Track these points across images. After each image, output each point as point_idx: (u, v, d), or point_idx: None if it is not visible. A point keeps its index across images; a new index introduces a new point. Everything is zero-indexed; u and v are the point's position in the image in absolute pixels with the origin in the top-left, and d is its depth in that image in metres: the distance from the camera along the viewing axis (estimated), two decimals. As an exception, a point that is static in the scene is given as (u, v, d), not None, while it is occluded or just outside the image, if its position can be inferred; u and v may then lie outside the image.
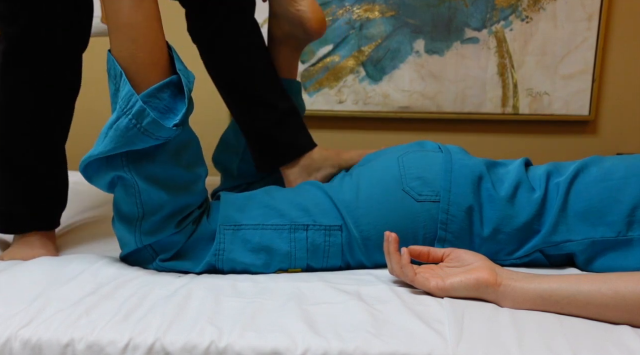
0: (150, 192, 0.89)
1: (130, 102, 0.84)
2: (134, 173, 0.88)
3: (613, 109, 1.94)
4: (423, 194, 0.94)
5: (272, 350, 0.70)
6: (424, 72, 1.92)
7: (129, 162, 0.87)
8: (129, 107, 0.84)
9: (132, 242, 0.92)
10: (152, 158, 0.88)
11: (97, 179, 0.91)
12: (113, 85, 0.88)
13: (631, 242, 0.87)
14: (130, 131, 0.84)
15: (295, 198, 0.98)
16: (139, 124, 0.83)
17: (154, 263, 0.93)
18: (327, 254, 0.94)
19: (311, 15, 1.19)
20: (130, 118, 0.83)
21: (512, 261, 0.94)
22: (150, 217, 0.90)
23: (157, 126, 0.84)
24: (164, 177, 0.89)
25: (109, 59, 0.87)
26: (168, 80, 0.87)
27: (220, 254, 0.92)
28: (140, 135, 0.84)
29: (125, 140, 0.84)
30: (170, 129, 0.85)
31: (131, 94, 0.84)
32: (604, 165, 0.93)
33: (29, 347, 0.71)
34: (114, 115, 0.85)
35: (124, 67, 0.85)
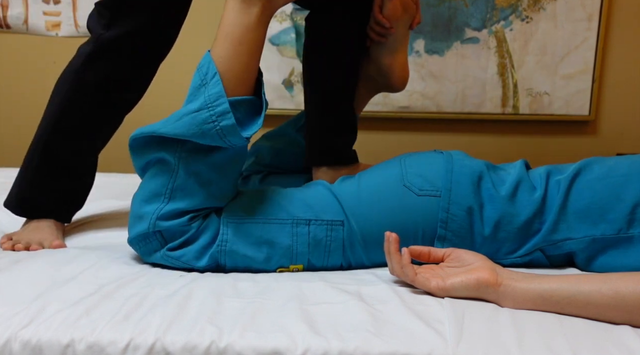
0: (186, 183, 0.92)
1: (218, 101, 0.89)
2: (181, 161, 0.92)
3: (613, 109, 1.94)
4: (424, 188, 0.95)
5: (272, 350, 0.70)
6: (424, 72, 1.92)
7: (184, 150, 0.92)
8: (215, 105, 0.89)
9: (145, 224, 0.92)
10: (205, 156, 0.92)
11: (140, 153, 0.95)
12: (199, 80, 0.92)
13: (632, 239, 0.88)
14: (206, 125, 0.89)
15: (298, 194, 0.99)
16: (217, 122, 0.88)
17: (161, 252, 0.93)
18: (328, 249, 0.95)
19: (399, 74, 1.26)
20: (211, 113, 0.89)
21: (513, 260, 0.95)
22: (173, 205, 0.92)
23: (233, 131, 0.89)
24: (206, 177, 0.93)
25: (206, 57, 0.93)
26: (251, 98, 0.94)
27: (222, 246, 0.93)
28: (214, 132, 0.89)
29: (198, 131, 0.89)
30: (242, 137, 0.91)
31: (221, 94, 0.89)
32: (606, 164, 0.94)
33: (29, 348, 0.71)
34: (194, 105, 0.90)
35: (220, 72, 0.91)
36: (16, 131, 2.06)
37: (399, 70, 1.26)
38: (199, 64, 0.94)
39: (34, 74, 2.03)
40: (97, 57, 1.05)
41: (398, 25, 1.21)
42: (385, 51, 1.23)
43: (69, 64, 1.09)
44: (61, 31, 1.99)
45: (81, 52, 1.07)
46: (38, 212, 1.10)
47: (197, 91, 0.92)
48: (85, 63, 1.05)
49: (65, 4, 1.97)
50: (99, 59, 1.05)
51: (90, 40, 1.06)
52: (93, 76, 1.05)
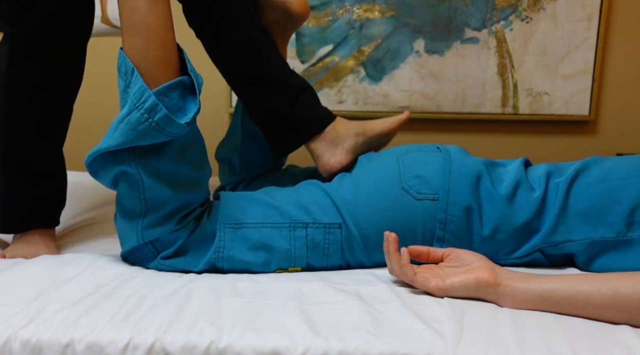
0: (155, 188, 0.90)
1: (143, 97, 0.86)
2: (139, 168, 0.89)
3: (613, 109, 1.94)
4: (422, 192, 0.94)
5: (272, 350, 0.70)
6: (424, 72, 1.92)
7: (136, 156, 0.89)
8: (141, 102, 0.86)
9: (134, 239, 0.92)
10: (158, 154, 0.90)
11: (102, 174, 0.92)
12: (123, 82, 0.90)
13: (631, 242, 0.87)
14: (141, 125, 0.86)
15: (295, 197, 0.98)
16: (151, 119, 0.85)
17: (155, 261, 0.93)
18: (326, 252, 0.94)
19: None
20: (142, 112, 0.85)
21: (512, 261, 0.94)
22: (153, 213, 0.91)
23: (169, 122, 0.86)
24: (169, 173, 0.91)
25: (120, 55, 0.89)
26: (178, 79, 0.90)
27: (220, 252, 0.92)
28: (151, 130, 0.86)
29: (136, 134, 0.86)
30: (181, 125, 0.87)
31: (144, 89, 0.86)
32: (605, 166, 0.94)
33: (29, 348, 0.71)
34: (124, 110, 0.87)
35: (136, 65, 0.88)
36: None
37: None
38: (117, 64, 0.90)
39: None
40: (21, 55, 1.01)
41: None
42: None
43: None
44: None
45: (1, 52, 1.03)
46: (23, 224, 1.07)
47: (124, 94, 0.89)
48: (12, 64, 1.02)
49: (65, 4, 1.97)
50: (24, 56, 1.02)
51: (3, 37, 1.02)
52: (26, 75, 1.02)
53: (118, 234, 0.96)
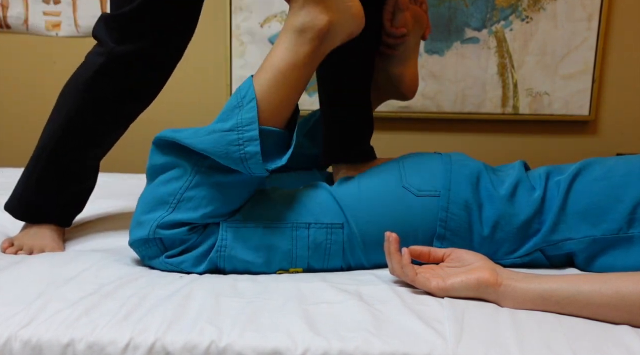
0: (195, 198, 0.91)
1: (249, 126, 0.89)
2: (198, 175, 0.91)
3: (613, 109, 1.94)
4: (422, 189, 0.95)
5: (272, 350, 0.70)
6: (424, 72, 1.92)
7: (204, 164, 0.91)
8: (246, 129, 0.89)
9: (146, 230, 0.92)
10: (223, 176, 0.92)
11: (161, 152, 0.94)
12: (236, 101, 0.92)
13: (632, 239, 0.88)
14: (232, 147, 0.89)
15: (297, 197, 0.98)
16: (243, 148, 0.88)
17: (160, 259, 0.93)
18: (328, 252, 0.95)
19: (409, 83, 1.25)
20: (240, 137, 0.89)
21: (513, 260, 0.95)
22: (176, 215, 0.91)
23: (256, 159, 0.89)
24: (216, 196, 0.92)
25: (249, 82, 0.93)
26: (282, 131, 0.94)
27: (222, 251, 0.92)
28: (237, 156, 0.89)
29: (222, 150, 0.89)
30: (264, 169, 0.90)
31: (254, 120, 0.89)
32: (605, 164, 0.94)
33: (29, 347, 0.71)
34: (227, 124, 0.90)
35: (257, 98, 0.91)
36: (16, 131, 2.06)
37: (409, 79, 1.25)
38: (240, 86, 0.94)
39: (34, 74, 2.03)
40: (110, 70, 1.04)
41: (409, 36, 1.20)
42: (396, 61, 1.22)
43: (77, 73, 1.08)
44: (61, 31, 1.99)
45: (91, 62, 1.06)
46: (40, 217, 1.10)
47: (231, 111, 0.92)
48: (98, 75, 1.04)
49: (65, 4, 1.97)
50: (112, 71, 1.04)
51: (101, 51, 1.05)
52: (106, 88, 1.05)
53: (133, 216, 0.96)
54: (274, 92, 0.92)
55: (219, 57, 1.97)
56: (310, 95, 1.95)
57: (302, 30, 0.92)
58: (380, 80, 1.25)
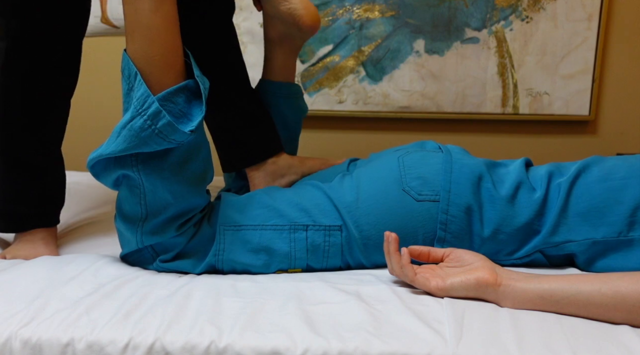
0: (156, 193, 0.89)
1: (146, 103, 0.84)
2: (142, 173, 0.88)
3: (613, 109, 1.94)
4: (423, 193, 0.94)
5: (272, 350, 0.70)
6: (424, 72, 1.92)
7: (139, 162, 0.87)
8: (145, 108, 0.84)
9: (134, 242, 0.92)
10: (162, 160, 0.88)
11: (104, 176, 0.91)
12: (126, 85, 0.88)
13: (632, 242, 0.87)
14: (144, 132, 0.84)
15: (295, 198, 0.97)
16: (154, 126, 0.84)
17: (154, 264, 0.93)
18: (326, 254, 0.94)
19: (303, 11, 1.18)
20: (145, 119, 0.84)
21: (513, 261, 0.94)
22: (153, 218, 0.90)
23: (172, 129, 0.84)
24: (172, 179, 0.89)
25: (124, 58, 0.87)
26: (183, 84, 0.88)
27: (220, 254, 0.92)
28: (154, 136, 0.84)
29: (139, 140, 0.84)
30: (185, 133, 0.86)
31: (147, 95, 0.84)
32: (605, 166, 0.93)
33: (29, 347, 0.71)
34: (127, 115, 0.85)
35: (139, 68, 0.86)
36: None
37: (301, 7, 1.17)
38: (121, 67, 0.89)
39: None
40: (17, 50, 1.01)
41: None
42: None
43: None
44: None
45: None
46: (23, 223, 1.07)
47: (127, 98, 0.88)
48: (6, 61, 1.02)
49: (65, 3, 1.97)
50: (19, 51, 1.02)
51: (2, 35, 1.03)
52: (21, 72, 1.03)
53: (118, 235, 0.96)
54: (149, 50, 0.85)
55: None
56: (310, 95, 1.95)
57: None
58: (279, 28, 1.21)
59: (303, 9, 1.17)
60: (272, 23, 1.21)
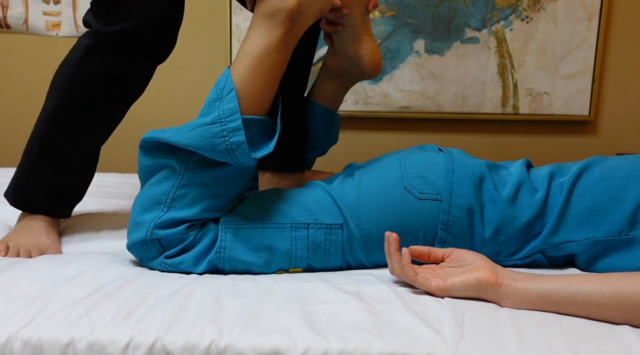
0: (188, 195, 0.92)
1: (231, 117, 0.90)
2: (188, 172, 0.92)
3: (613, 109, 1.94)
4: (424, 192, 0.94)
5: (272, 350, 0.70)
6: (424, 72, 1.92)
7: (192, 161, 0.91)
8: (228, 120, 0.90)
9: (143, 232, 0.92)
10: (212, 169, 0.92)
11: (148, 155, 0.94)
12: (215, 93, 0.92)
13: (633, 241, 0.88)
14: (217, 139, 0.89)
15: (297, 197, 0.98)
16: (228, 139, 0.89)
17: (158, 260, 0.93)
18: (327, 252, 0.94)
19: (370, 59, 1.22)
20: (223, 128, 0.89)
21: (513, 262, 0.94)
22: (172, 213, 0.91)
23: (242, 150, 0.90)
24: (208, 191, 0.92)
25: (226, 73, 0.93)
26: (265, 119, 0.94)
27: (221, 252, 0.92)
28: (223, 147, 0.89)
29: (208, 144, 0.89)
30: (251, 158, 0.91)
31: (236, 110, 0.90)
32: (607, 165, 0.94)
33: (30, 347, 0.71)
34: (208, 118, 0.90)
35: (236, 88, 0.91)
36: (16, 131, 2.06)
37: (368, 55, 1.21)
38: (218, 79, 0.94)
39: (34, 74, 2.03)
40: (97, 50, 1.04)
41: (353, 9, 1.16)
42: (348, 39, 1.19)
43: (67, 56, 1.08)
44: (61, 31, 1.99)
45: (80, 44, 1.06)
46: (35, 205, 1.09)
47: (212, 105, 0.92)
48: (85, 56, 1.04)
49: (65, 4, 1.97)
50: (98, 52, 1.04)
51: (89, 33, 1.05)
52: (93, 69, 1.04)
53: (130, 219, 0.96)
54: (252, 80, 0.92)
55: (219, 57, 1.96)
56: (310, 95, 1.95)
57: (272, 15, 0.92)
58: (341, 64, 1.23)
59: (371, 56, 1.21)
60: (337, 57, 1.24)
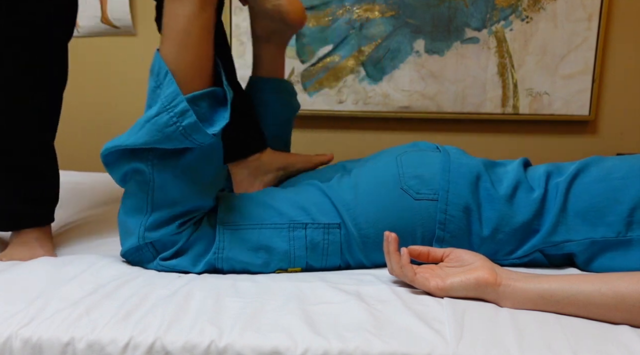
0: (165, 191, 0.90)
1: (175, 101, 0.86)
2: (155, 169, 0.90)
3: (613, 109, 1.95)
4: (421, 192, 0.94)
5: (272, 350, 0.70)
6: (424, 72, 1.92)
7: (155, 157, 0.89)
8: (172, 106, 0.86)
9: (135, 238, 0.92)
10: (178, 159, 0.90)
11: (116, 167, 0.92)
12: (154, 82, 0.90)
13: (631, 242, 0.88)
14: (168, 128, 0.86)
15: (294, 197, 0.98)
16: (179, 123, 0.86)
17: (154, 262, 0.93)
18: (326, 252, 0.94)
19: (289, 7, 1.19)
20: (171, 115, 0.86)
21: (512, 261, 0.94)
22: (157, 214, 0.91)
23: (196, 129, 0.87)
24: (184, 179, 0.91)
25: (156, 56, 0.90)
26: (211, 90, 0.91)
27: (219, 253, 0.92)
28: (177, 134, 0.86)
29: (161, 135, 0.86)
30: (208, 134, 0.88)
31: (177, 93, 0.86)
32: (604, 165, 0.94)
33: (30, 346, 0.71)
34: (153, 110, 0.87)
35: (171, 69, 0.88)
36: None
37: (287, 3, 1.18)
38: (151, 65, 0.91)
39: (34, 74, 2.02)
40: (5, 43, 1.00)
41: None
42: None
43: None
44: (61, 31, 1.98)
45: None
46: (16, 222, 1.06)
47: (153, 94, 0.90)
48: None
49: (65, 3, 1.97)
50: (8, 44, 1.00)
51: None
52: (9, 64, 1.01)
53: (119, 230, 0.96)
54: (184, 55, 0.89)
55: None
56: (310, 95, 1.95)
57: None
58: (266, 24, 1.21)
59: (289, 5, 1.19)
60: (259, 20, 1.22)
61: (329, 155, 1.28)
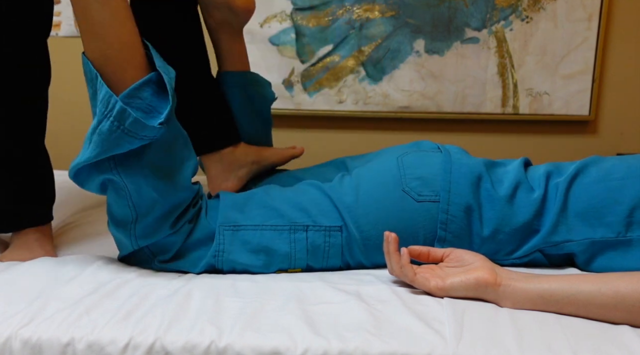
0: (141, 193, 0.88)
1: (110, 104, 0.82)
2: (123, 175, 0.86)
3: (613, 109, 1.94)
4: (423, 194, 0.94)
5: (272, 350, 0.70)
6: (424, 72, 1.92)
7: (117, 164, 0.86)
8: (109, 110, 0.82)
9: (129, 245, 0.92)
10: (139, 158, 0.86)
11: (89, 183, 0.90)
12: (91, 89, 0.86)
13: (630, 242, 0.88)
14: (113, 134, 0.82)
15: (295, 198, 0.97)
16: (122, 125, 0.81)
17: (153, 263, 0.93)
18: (326, 254, 0.94)
19: None
20: (112, 121, 0.81)
21: (512, 261, 0.95)
22: (143, 219, 0.89)
23: (141, 126, 0.82)
24: (154, 176, 0.88)
25: (83, 61, 0.86)
26: (147, 78, 0.85)
27: (219, 255, 0.92)
28: (124, 136, 0.82)
29: (110, 143, 0.82)
30: (155, 127, 0.84)
31: (109, 95, 0.82)
32: (604, 166, 0.94)
33: (29, 347, 0.71)
34: (95, 120, 0.84)
35: (99, 69, 0.84)
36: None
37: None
38: (83, 71, 0.86)
39: (34, 74, 2.02)
40: None
41: None
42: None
43: None
44: (61, 31, 1.99)
45: None
46: (14, 223, 1.05)
47: (94, 101, 0.86)
48: None
49: (65, 4, 1.97)
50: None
51: None
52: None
53: (114, 240, 0.96)
54: (104, 48, 0.83)
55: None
56: (310, 95, 1.95)
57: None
58: (216, 15, 1.19)
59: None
60: (208, 11, 1.20)
61: (299, 149, 1.28)
